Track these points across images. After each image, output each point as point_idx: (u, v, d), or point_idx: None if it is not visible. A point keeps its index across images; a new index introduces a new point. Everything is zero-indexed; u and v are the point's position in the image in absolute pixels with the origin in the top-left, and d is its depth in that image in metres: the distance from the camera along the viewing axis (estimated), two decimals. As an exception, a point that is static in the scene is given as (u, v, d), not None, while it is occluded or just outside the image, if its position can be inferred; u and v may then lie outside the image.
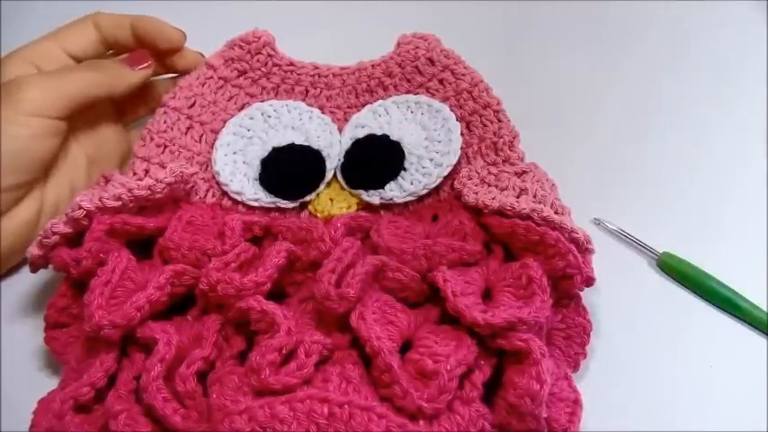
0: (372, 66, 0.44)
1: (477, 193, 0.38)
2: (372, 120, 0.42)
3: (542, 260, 0.35)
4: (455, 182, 0.40)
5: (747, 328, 0.38)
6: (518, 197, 0.37)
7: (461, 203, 0.39)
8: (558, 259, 0.35)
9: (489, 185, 0.39)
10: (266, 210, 0.41)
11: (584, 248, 0.36)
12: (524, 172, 0.39)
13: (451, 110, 0.42)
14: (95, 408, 0.32)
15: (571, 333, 0.36)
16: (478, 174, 0.40)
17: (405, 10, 0.45)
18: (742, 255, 0.41)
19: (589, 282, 0.36)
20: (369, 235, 0.38)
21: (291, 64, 0.44)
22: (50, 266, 0.37)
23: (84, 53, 0.43)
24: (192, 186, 0.41)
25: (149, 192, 0.38)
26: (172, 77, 0.46)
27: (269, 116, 0.43)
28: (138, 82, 0.42)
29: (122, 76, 0.41)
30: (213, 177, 0.42)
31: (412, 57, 0.43)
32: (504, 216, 0.36)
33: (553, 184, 0.39)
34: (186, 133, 0.43)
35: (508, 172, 0.39)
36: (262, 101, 0.44)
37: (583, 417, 0.33)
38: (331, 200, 0.41)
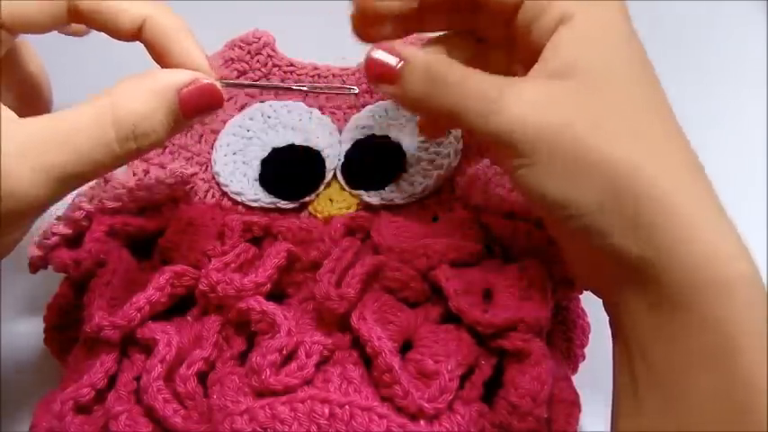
0: (372, 66, 0.44)
1: (485, 192, 0.38)
2: (373, 120, 0.42)
3: (542, 262, 0.35)
4: (461, 181, 0.40)
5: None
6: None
7: (461, 203, 0.39)
8: (558, 262, 0.35)
9: (496, 186, 0.39)
10: (266, 210, 0.41)
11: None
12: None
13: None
14: (95, 408, 0.32)
15: (570, 335, 0.36)
16: (485, 174, 0.40)
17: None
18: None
19: (589, 284, 0.36)
20: (369, 235, 0.38)
21: (291, 64, 0.44)
22: (50, 267, 0.37)
23: (26, 24, 0.29)
24: (192, 187, 0.41)
25: (149, 192, 0.38)
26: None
27: (269, 116, 0.43)
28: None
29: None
30: (213, 178, 0.42)
31: (412, 58, 0.43)
32: (507, 217, 0.37)
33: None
34: (186, 134, 0.43)
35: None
36: (261, 101, 0.44)
37: (582, 418, 0.33)
38: (331, 200, 0.41)
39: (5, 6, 0.28)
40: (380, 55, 0.31)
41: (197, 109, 0.29)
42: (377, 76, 0.31)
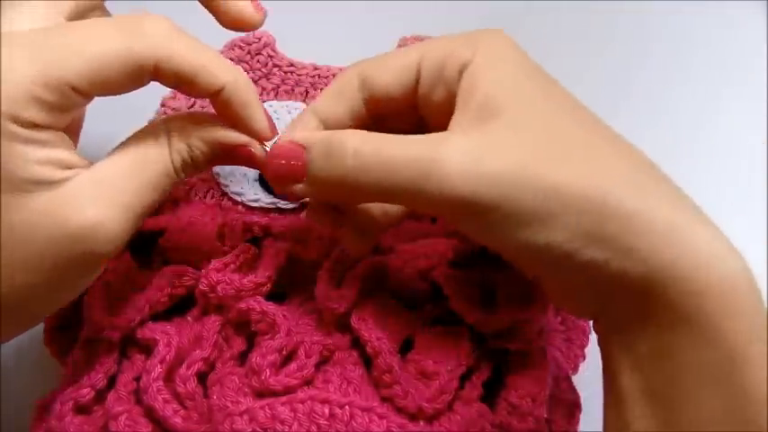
0: (372, 67, 0.44)
1: None
2: (372, 120, 0.42)
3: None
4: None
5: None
6: None
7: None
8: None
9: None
10: (266, 210, 0.41)
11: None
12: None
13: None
14: (95, 409, 0.32)
15: (570, 335, 0.36)
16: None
17: (405, 11, 0.45)
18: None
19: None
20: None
21: (292, 65, 0.44)
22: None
23: (107, 90, 0.29)
24: (192, 187, 0.41)
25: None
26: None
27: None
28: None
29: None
30: (213, 178, 0.42)
31: (412, 58, 0.43)
32: None
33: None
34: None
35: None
36: (262, 101, 0.44)
37: (582, 418, 0.33)
38: (331, 200, 0.41)
39: (89, 80, 0.28)
40: (282, 149, 0.30)
41: (236, 162, 0.32)
42: (282, 176, 0.30)
